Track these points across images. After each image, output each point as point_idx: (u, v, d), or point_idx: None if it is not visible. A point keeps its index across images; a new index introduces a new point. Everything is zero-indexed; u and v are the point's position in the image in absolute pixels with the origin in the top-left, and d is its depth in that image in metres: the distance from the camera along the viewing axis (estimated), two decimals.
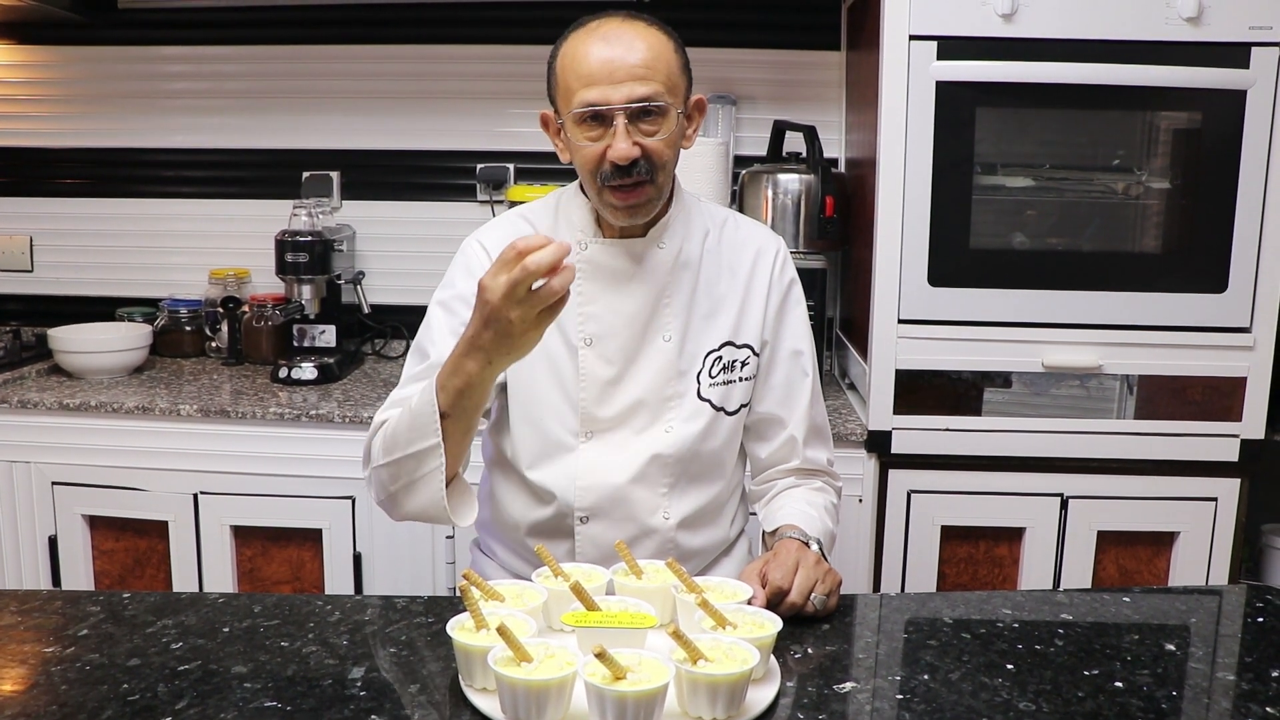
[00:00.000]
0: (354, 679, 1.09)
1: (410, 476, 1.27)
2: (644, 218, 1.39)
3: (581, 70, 1.30)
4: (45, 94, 2.76)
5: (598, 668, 0.96)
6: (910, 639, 1.23)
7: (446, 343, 1.39)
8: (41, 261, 2.83)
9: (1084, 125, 2.09)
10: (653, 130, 1.32)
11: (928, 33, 1.98)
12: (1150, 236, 2.13)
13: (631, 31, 1.31)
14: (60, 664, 1.10)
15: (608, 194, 1.35)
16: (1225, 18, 1.94)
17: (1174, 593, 1.47)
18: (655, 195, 1.36)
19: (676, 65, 1.34)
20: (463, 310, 1.42)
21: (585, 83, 1.30)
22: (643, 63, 1.29)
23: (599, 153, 1.32)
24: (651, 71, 1.30)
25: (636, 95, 1.29)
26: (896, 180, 2.02)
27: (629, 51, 1.29)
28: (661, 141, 1.33)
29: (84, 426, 2.22)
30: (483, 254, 1.45)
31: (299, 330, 2.52)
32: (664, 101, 1.31)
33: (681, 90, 1.35)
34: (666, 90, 1.32)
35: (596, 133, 1.32)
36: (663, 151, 1.33)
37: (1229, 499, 2.09)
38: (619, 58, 1.29)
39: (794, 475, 1.52)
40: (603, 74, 1.29)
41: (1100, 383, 2.07)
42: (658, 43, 1.32)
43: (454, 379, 1.22)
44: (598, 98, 1.29)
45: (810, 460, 1.51)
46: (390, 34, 2.68)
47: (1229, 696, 1.10)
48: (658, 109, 1.31)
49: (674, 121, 1.33)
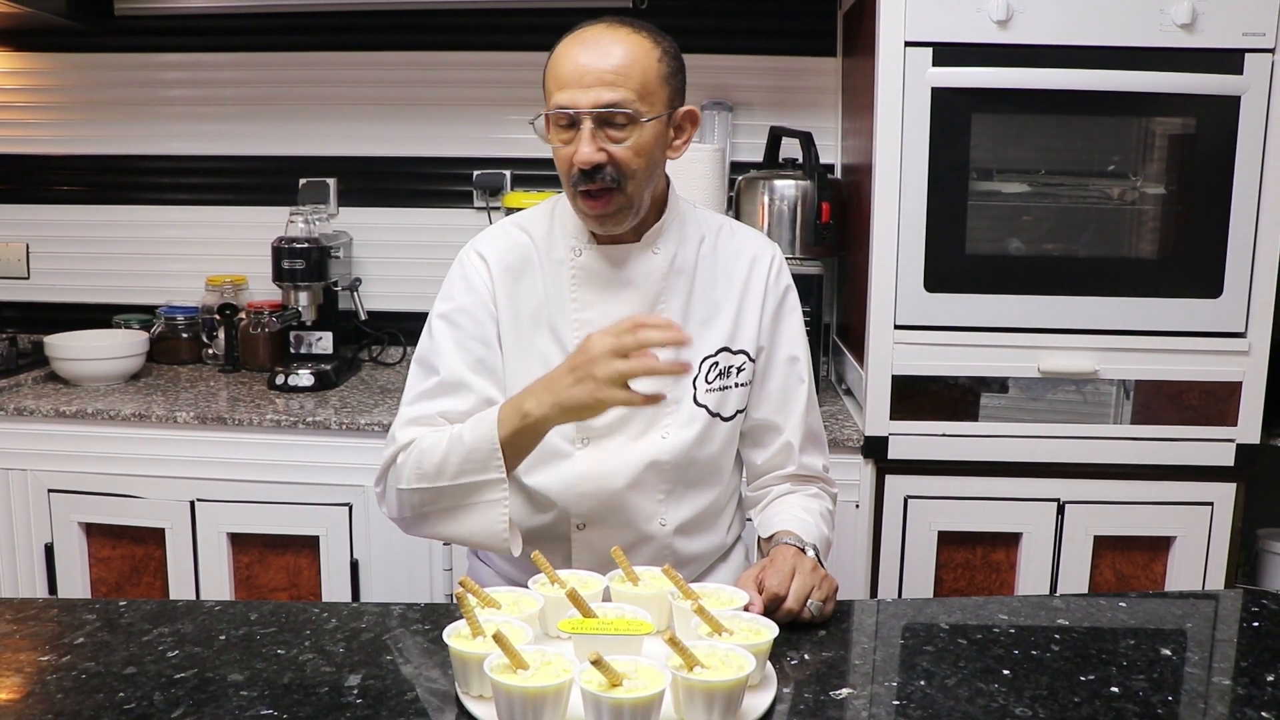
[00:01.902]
0: (350, 686, 1.09)
1: (457, 503, 1.33)
2: (615, 227, 1.39)
3: (558, 73, 1.33)
4: (41, 101, 2.76)
5: (594, 675, 0.96)
6: (907, 645, 1.23)
7: (454, 356, 1.41)
8: (38, 269, 2.83)
9: (1079, 131, 2.09)
10: (620, 137, 1.32)
11: (923, 39, 1.98)
12: (1146, 242, 2.13)
13: (610, 37, 1.32)
14: (56, 673, 1.10)
15: (579, 200, 1.36)
16: (1219, 24, 1.94)
17: (1170, 597, 1.47)
18: (625, 204, 1.36)
19: (655, 74, 1.33)
20: (467, 323, 1.43)
21: (559, 85, 1.32)
22: (614, 69, 1.30)
23: (568, 156, 1.33)
24: (622, 78, 1.30)
25: (603, 100, 1.30)
26: (893, 186, 2.02)
27: (602, 58, 1.30)
28: (628, 149, 1.32)
29: (80, 434, 2.21)
30: (481, 265, 1.45)
31: (296, 337, 2.52)
32: (632, 109, 1.31)
33: (661, 99, 1.34)
34: (638, 98, 1.31)
35: (568, 136, 1.34)
36: (630, 160, 1.33)
37: (1225, 503, 2.09)
38: (591, 63, 1.30)
39: (790, 481, 1.52)
40: (573, 78, 1.31)
41: (1096, 388, 2.07)
42: (637, 50, 1.32)
43: (513, 417, 1.29)
44: (567, 101, 1.31)
45: (806, 466, 1.51)
46: (387, 40, 2.67)
47: (1225, 701, 1.10)
48: (626, 116, 1.31)
49: (646, 130, 1.33)
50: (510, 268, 1.45)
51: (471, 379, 1.40)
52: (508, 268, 1.45)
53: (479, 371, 1.41)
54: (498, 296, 1.44)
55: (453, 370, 1.40)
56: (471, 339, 1.42)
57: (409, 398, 1.43)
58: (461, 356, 1.41)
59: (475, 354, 1.42)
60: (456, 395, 1.40)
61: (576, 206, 1.38)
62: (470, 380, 1.40)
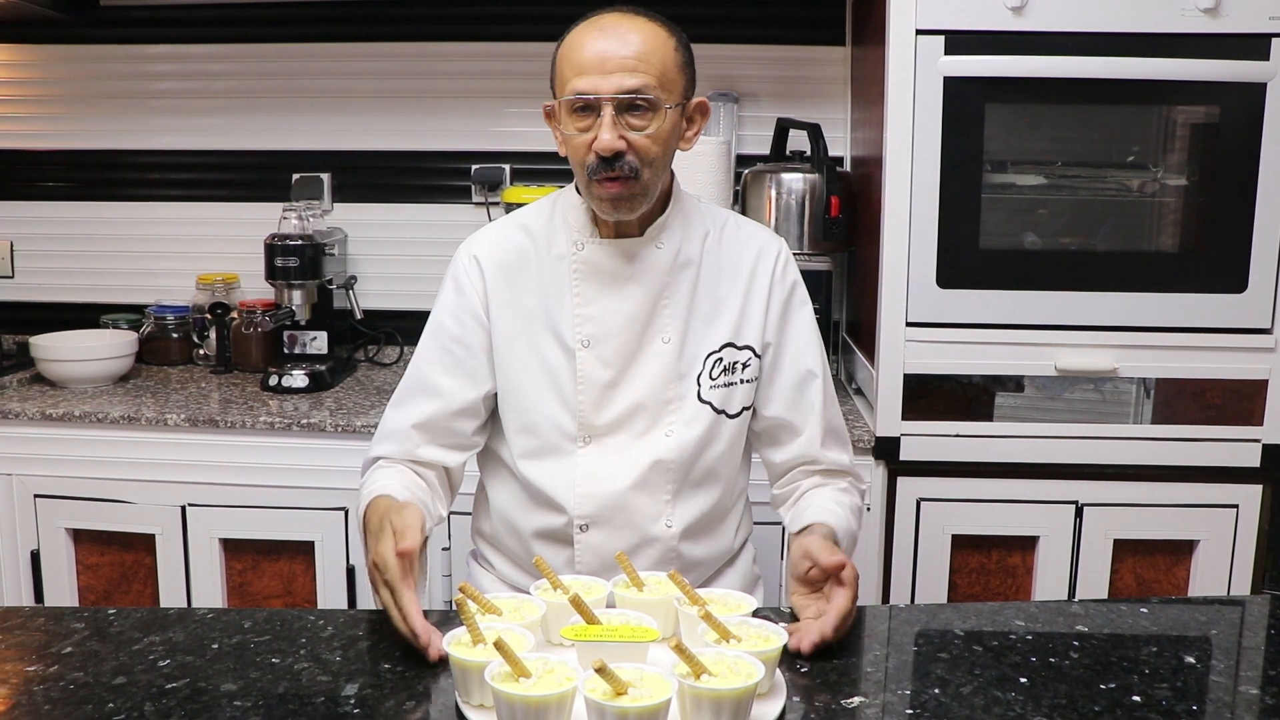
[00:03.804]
0: (347, 696, 1.08)
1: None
2: (629, 213, 1.39)
3: (575, 59, 1.33)
4: (25, 94, 2.73)
5: (598, 683, 0.95)
6: (920, 652, 1.22)
7: (427, 359, 1.47)
8: (23, 267, 2.80)
9: (1097, 121, 2.06)
10: (641, 125, 1.33)
11: (935, 27, 1.95)
12: (1167, 235, 2.10)
13: (628, 24, 1.34)
14: (43, 683, 1.09)
15: (595, 185, 1.36)
16: (1243, 8, 1.91)
17: (1194, 603, 1.46)
18: (641, 191, 1.37)
19: (673, 62, 1.35)
20: (450, 324, 1.47)
21: (577, 71, 1.32)
22: (635, 55, 1.31)
23: (587, 143, 1.34)
24: (643, 64, 1.32)
25: (625, 86, 1.31)
26: (904, 179, 2.00)
27: (622, 44, 1.32)
28: (648, 137, 1.34)
29: (67, 437, 2.19)
30: (472, 266, 1.46)
31: (289, 337, 2.51)
32: (653, 95, 1.32)
33: (678, 88, 1.36)
34: (658, 85, 1.33)
35: (586, 123, 1.34)
36: (649, 147, 1.34)
37: (1250, 506, 2.06)
38: (612, 49, 1.31)
39: (819, 475, 1.50)
40: (594, 64, 1.31)
41: (1116, 386, 2.04)
42: (655, 37, 1.34)
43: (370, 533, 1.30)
44: (587, 87, 1.31)
45: (832, 461, 1.50)
46: (382, 31, 2.65)
47: (1252, 711, 1.08)
48: (647, 102, 1.32)
49: (665, 118, 1.34)
50: (505, 266, 1.45)
51: (443, 382, 1.44)
52: (502, 266, 1.45)
53: (453, 374, 1.45)
54: (490, 298, 1.45)
55: (423, 374, 1.46)
56: (451, 341, 1.45)
57: (392, 400, 1.50)
58: (439, 359, 1.46)
59: (453, 356, 1.45)
60: (425, 398, 1.45)
61: (591, 193, 1.38)
62: (441, 384, 1.44)
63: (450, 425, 1.44)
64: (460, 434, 1.45)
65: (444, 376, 1.44)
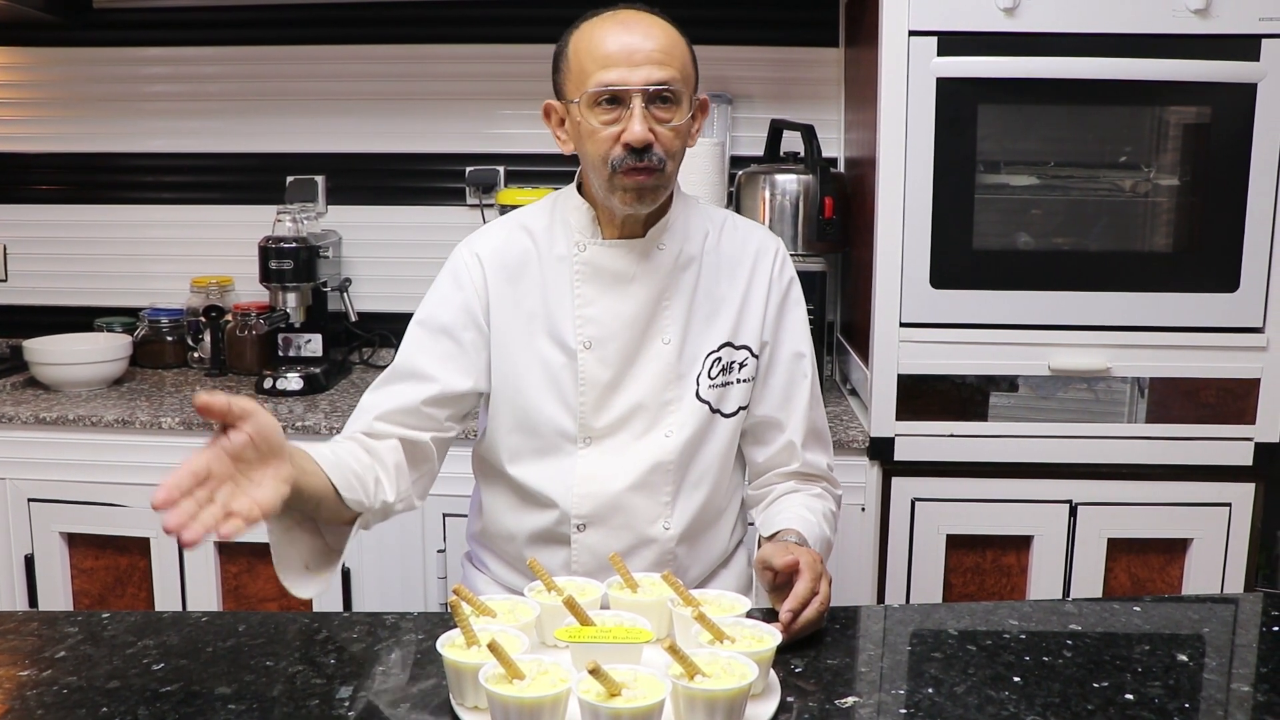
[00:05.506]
0: (342, 699, 1.07)
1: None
2: (651, 204, 1.38)
3: (599, 53, 1.32)
4: (18, 97, 2.72)
5: (592, 684, 0.95)
6: (915, 651, 1.22)
7: (414, 346, 1.45)
8: (16, 270, 2.79)
9: (1089, 121, 2.06)
10: (666, 118, 1.33)
11: (928, 28, 1.96)
12: (1159, 235, 2.11)
13: (648, 20, 1.35)
14: (37, 688, 1.08)
15: (619, 177, 1.34)
16: (1234, 9, 1.91)
17: (1187, 601, 1.45)
18: (664, 184, 1.37)
19: (689, 58, 1.38)
20: (443, 314, 1.44)
21: (603, 65, 1.32)
22: (660, 48, 1.32)
23: (613, 136, 1.33)
24: (669, 58, 1.33)
25: (654, 79, 1.31)
26: (897, 180, 2.00)
27: (647, 38, 1.32)
28: (673, 130, 1.34)
29: (61, 441, 2.18)
30: (474, 263, 1.44)
31: (284, 339, 2.49)
32: (678, 88, 1.33)
33: (693, 83, 1.38)
34: (681, 79, 1.34)
35: (611, 116, 1.33)
36: (672, 141, 1.35)
37: (1243, 504, 2.06)
38: (637, 42, 1.32)
39: (793, 479, 1.50)
40: (621, 56, 1.31)
41: (1109, 386, 2.04)
42: (672, 34, 1.36)
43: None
44: (616, 79, 1.31)
45: (810, 464, 1.50)
46: (376, 33, 2.64)
47: (1245, 709, 1.08)
48: (673, 95, 1.33)
49: (686, 112, 1.36)
50: (507, 265, 1.44)
51: (428, 368, 1.41)
52: (504, 266, 1.44)
53: (440, 361, 1.42)
54: (490, 296, 1.43)
55: (408, 359, 1.43)
56: (440, 331, 1.43)
57: (371, 385, 1.46)
58: (430, 347, 1.43)
59: (442, 346, 1.42)
60: (406, 383, 1.41)
61: (614, 185, 1.35)
62: (426, 369, 1.41)
63: (428, 410, 1.39)
64: (433, 419, 1.40)
65: (430, 362, 1.41)
